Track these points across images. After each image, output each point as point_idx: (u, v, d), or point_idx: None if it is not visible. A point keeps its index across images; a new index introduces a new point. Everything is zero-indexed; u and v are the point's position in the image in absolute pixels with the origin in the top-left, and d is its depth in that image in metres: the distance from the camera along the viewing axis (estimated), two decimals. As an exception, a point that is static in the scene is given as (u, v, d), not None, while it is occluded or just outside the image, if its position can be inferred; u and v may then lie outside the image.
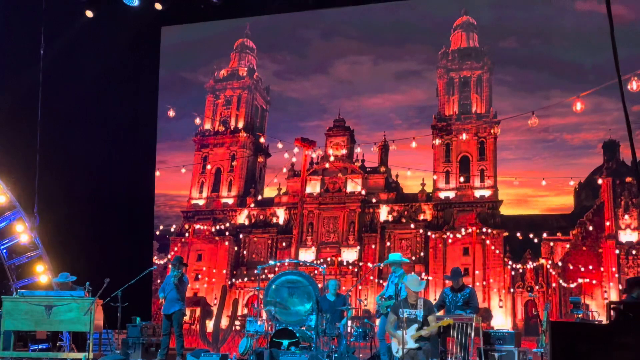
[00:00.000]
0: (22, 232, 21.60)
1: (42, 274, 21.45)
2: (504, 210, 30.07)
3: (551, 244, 28.80)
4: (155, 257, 29.61)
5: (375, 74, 30.63)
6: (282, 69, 32.61)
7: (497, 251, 29.46)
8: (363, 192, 32.68)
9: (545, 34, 27.80)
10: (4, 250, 21.64)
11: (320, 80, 31.51)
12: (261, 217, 33.57)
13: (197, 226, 33.28)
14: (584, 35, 26.42)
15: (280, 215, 33.45)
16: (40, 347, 18.32)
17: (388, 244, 31.14)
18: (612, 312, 12.29)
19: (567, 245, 28.57)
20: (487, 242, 29.88)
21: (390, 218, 31.80)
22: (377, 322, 16.57)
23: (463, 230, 30.23)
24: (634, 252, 27.70)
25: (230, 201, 34.75)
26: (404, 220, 31.34)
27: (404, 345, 12.03)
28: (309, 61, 31.64)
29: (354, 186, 33.10)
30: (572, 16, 27.36)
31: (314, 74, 31.75)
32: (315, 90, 31.74)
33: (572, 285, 27.45)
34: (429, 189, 31.70)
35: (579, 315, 15.61)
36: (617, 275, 27.31)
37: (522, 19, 28.34)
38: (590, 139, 28.23)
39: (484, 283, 29.50)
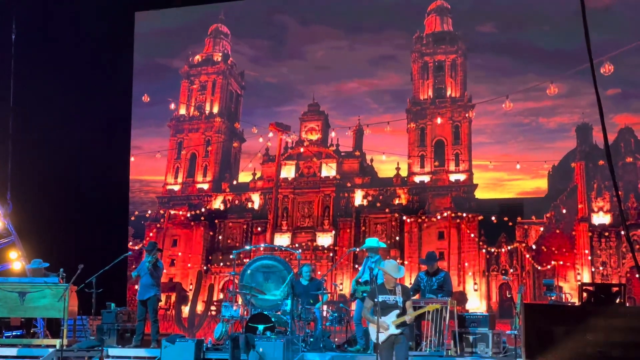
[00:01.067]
0: (-5, 219, 21.48)
1: (15, 260, 21.37)
2: (479, 194, 30.16)
3: (525, 227, 28.95)
4: (130, 243, 29.55)
5: (351, 59, 30.61)
6: (257, 54, 32.54)
7: (472, 235, 29.56)
8: (338, 177, 32.69)
9: (521, 19, 27.85)
10: (-23, 238, 21.52)
11: (296, 66, 31.45)
12: (236, 202, 33.54)
13: (172, 212, 33.22)
14: (559, 20, 26.49)
15: (256, 200, 33.42)
16: (14, 333, 18.27)
17: (363, 228, 31.17)
18: (584, 294, 12.40)
19: (541, 229, 28.72)
20: (462, 226, 29.97)
21: (365, 202, 31.84)
22: (353, 306, 16.64)
23: (438, 214, 30.30)
24: (606, 234, 27.87)
25: (205, 186, 34.70)
26: (379, 204, 31.38)
27: (378, 330, 12.02)
28: (285, 46, 31.58)
29: (328, 170, 33.10)
30: (548, 0, 27.47)
31: (289, 59, 31.69)
32: (291, 75, 31.69)
33: (545, 268, 27.61)
34: (403, 173, 31.74)
35: (552, 298, 15.74)
36: (589, 258, 27.49)
37: (498, 3, 28.40)
38: (565, 122, 28.33)
39: (459, 267, 29.61)
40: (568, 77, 25.62)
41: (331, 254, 31.38)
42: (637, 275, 26.09)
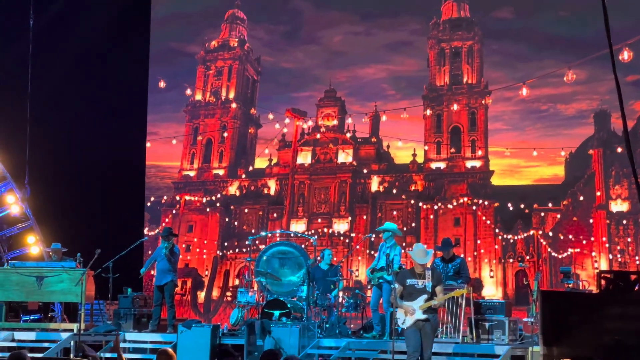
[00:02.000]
0: (13, 204, 21.64)
1: (33, 245, 21.50)
2: (495, 181, 30.08)
3: (542, 214, 28.82)
4: (146, 228, 29.63)
5: (367, 45, 30.56)
6: (274, 39, 32.48)
7: (488, 222, 29.50)
8: (354, 163, 32.65)
9: (538, 4, 27.72)
10: (-5, 222, 21.67)
11: (312, 51, 31.41)
12: (252, 188, 33.54)
13: (188, 197, 33.25)
14: (577, 5, 26.37)
15: (272, 186, 33.43)
16: (32, 317, 18.39)
17: (379, 214, 31.16)
18: (602, 282, 12.35)
19: (558, 216, 28.60)
20: (478, 212, 29.92)
21: (381, 189, 31.80)
22: (369, 293, 16.64)
23: (454, 200, 30.25)
24: (624, 222, 27.76)
25: (221, 172, 34.72)
26: (395, 190, 31.33)
27: (394, 304, 11.99)
28: (301, 32, 31.52)
29: (345, 157, 33.05)
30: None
31: (306, 44, 31.64)
32: (308, 61, 31.64)
33: (562, 255, 27.51)
34: (420, 159, 31.68)
35: (570, 285, 15.70)
36: (607, 245, 27.39)
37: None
38: (584, 109, 28.18)
39: (475, 253, 29.56)
40: (587, 64, 25.51)
41: (347, 240, 31.39)
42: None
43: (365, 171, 32.46)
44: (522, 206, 28.34)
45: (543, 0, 27.51)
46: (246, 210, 33.16)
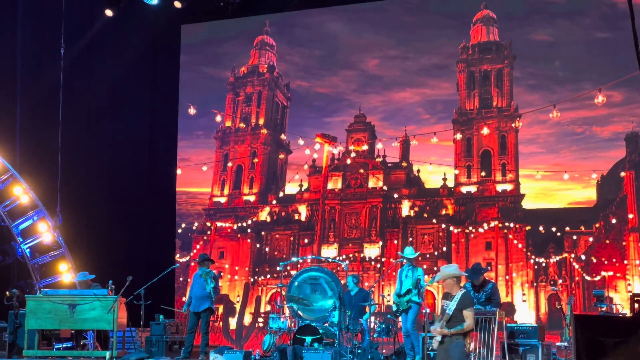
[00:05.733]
0: (45, 232, 21.80)
1: (65, 272, 21.63)
2: (528, 204, 29.92)
3: (574, 237, 28.61)
4: (177, 255, 29.70)
5: (403, 69, 30.59)
6: (307, 64, 32.53)
7: (520, 245, 29.33)
8: (385, 188, 32.59)
9: (575, 26, 27.68)
10: (28, 250, 21.84)
11: (347, 76, 31.46)
12: (283, 213, 33.53)
13: (219, 224, 33.29)
14: (614, 27, 26.34)
15: (302, 211, 33.41)
16: (64, 345, 18.47)
17: (410, 239, 31.06)
18: (636, 305, 12.25)
19: (591, 239, 28.38)
20: (510, 236, 29.76)
21: (412, 213, 31.70)
22: (399, 319, 16.62)
23: (485, 224, 30.12)
24: (658, 244, 27.53)
25: (251, 198, 34.75)
26: (426, 215, 31.24)
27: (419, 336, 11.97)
28: (337, 56, 31.56)
29: (375, 182, 33.01)
30: (601, 6, 27.38)
31: (341, 69, 31.69)
32: (343, 85, 31.66)
33: (595, 279, 27.28)
34: (450, 183, 31.59)
35: (603, 309, 15.62)
36: (640, 268, 27.15)
37: (549, 10, 28.27)
38: (619, 131, 27.97)
39: (507, 277, 29.41)
40: (624, 85, 25.41)
41: (378, 265, 31.32)
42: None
43: (395, 196, 32.38)
44: (554, 229, 28.15)
45: (580, 23, 27.44)
46: (277, 236, 33.17)
